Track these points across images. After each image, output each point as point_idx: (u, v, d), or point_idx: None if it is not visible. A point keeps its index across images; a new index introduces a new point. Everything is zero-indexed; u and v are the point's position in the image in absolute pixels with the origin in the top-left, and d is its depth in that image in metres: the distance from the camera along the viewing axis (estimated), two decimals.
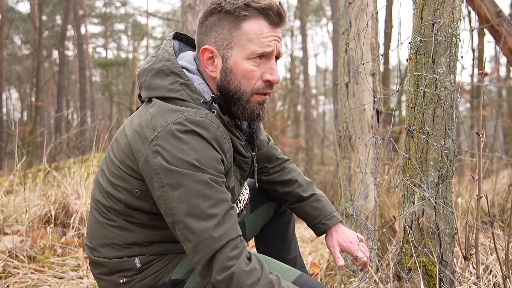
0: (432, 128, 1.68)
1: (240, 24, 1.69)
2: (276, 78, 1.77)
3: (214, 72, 1.76)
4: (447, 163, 1.66)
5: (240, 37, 1.69)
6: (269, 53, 1.72)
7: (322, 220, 2.24)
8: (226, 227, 1.57)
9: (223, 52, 1.72)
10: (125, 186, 1.74)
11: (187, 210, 1.55)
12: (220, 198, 1.59)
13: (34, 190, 4.66)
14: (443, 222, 1.65)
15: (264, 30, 1.70)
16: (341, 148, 3.07)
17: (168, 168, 1.55)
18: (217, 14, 1.71)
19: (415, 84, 1.72)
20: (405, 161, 1.76)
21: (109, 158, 1.84)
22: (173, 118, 1.61)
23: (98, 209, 1.86)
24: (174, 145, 1.57)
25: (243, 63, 1.71)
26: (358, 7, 2.91)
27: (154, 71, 1.78)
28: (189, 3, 8.27)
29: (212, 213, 1.55)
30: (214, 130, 1.63)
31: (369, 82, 2.92)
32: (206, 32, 1.75)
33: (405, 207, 1.76)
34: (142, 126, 1.66)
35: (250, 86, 1.74)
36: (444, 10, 1.68)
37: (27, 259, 3.24)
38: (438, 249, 1.66)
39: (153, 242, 1.83)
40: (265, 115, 1.85)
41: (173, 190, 1.56)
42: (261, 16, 1.70)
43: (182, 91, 1.71)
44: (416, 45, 1.73)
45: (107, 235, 1.83)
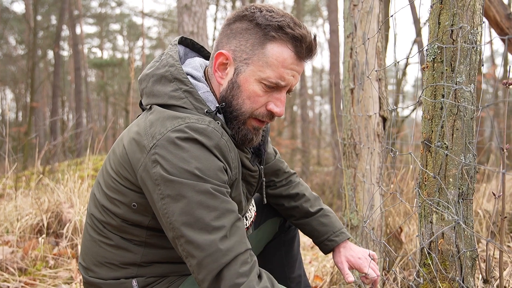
0: (452, 142, 1.55)
1: (265, 44, 1.58)
2: (281, 111, 1.66)
3: (222, 79, 1.67)
4: (467, 179, 1.54)
5: (261, 57, 1.59)
6: (278, 85, 1.62)
7: (330, 236, 2.13)
8: (233, 240, 1.45)
9: (238, 64, 1.62)
10: (122, 199, 1.62)
11: (190, 223, 1.43)
12: (226, 208, 1.47)
13: (27, 195, 4.53)
14: (464, 244, 1.53)
15: (288, 61, 1.59)
16: (345, 157, 2.94)
17: (168, 178, 1.43)
18: (247, 22, 1.61)
19: (433, 94, 1.60)
20: (422, 177, 1.63)
21: (105, 170, 1.72)
22: (173, 125, 1.49)
23: (93, 226, 1.74)
24: (174, 153, 1.45)
25: (252, 84, 1.61)
26: (363, 10, 2.79)
27: (156, 77, 1.67)
28: (185, 3, 8.16)
29: (217, 226, 1.43)
30: (217, 138, 1.51)
31: (375, 88, 2.80)
32: (229, 36, 1.65)
33: (422, 227, 1.63)
34: (140, 134, 1.54)
35: (252, 110, 1.64)
36: (464, 15, 1.55)
37: (17, 272, 3.11)
38: (459, 273, 1.54)
39: (152, 262, 1.69)
40: (258, 140, 1.73)
41: (174, 202, 1.44)
42: (289, 44, 1.58)
43: (185, 99, 1.60)
44: (433, 52, 1.60)
45: (103, 254, 1.71)
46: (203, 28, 8.19)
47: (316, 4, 31.70)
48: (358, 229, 2.83)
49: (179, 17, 8.37)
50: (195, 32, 8.20)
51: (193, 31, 8.18)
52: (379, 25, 2.80)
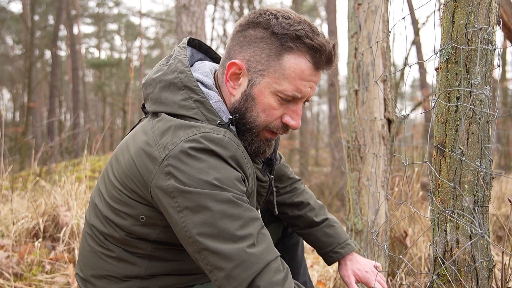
0: (467, 147, 1.48)
1: (282, 55, 1.50)
2: (297, 124, 1.60)
3: (234, 90, 1.58)
4: (484, 186, 1.47)
5: (277, 69, 1.50)
6: (295, 98, 1.55)
7: (335, 248, 2.06)
8: (262, 247, 1.37)
9: (252, 75, 1.53)
10: (129, 211, 1.53)
11: (213, 234, 1.34)
12: (250, 216, 1.39)
13: (23, 197, 4.46)
14: (480, 254, 1.46)
15: (306, 72, 1.51)
16: (349, 160, 2.87)
17: (185, 189, 1.35)
18: (262, 30, 1.51)
19: (447, 97, 1.52)
20: (435, 183, 1.56)
21: (108, 179, 1.62)
22: (187, 134, 1.41)
23: (93, 236, 1.64)
24: (189, 164, 1.36)
25: (268, 96, 1.53)
26: (368, 9, 2.72)
27: (164, 83, 1.56)
28: (184, 3, 8.10)
29: (243, 234, 1.35)
30: (234, 149, 1.43)
31: (380, 89, 2.73)
32: (242, 43, 1.55)
33: (436, 235, 1.56)
34: (150, 145, 1.45)
35: (266, 123, 1.57)
36: (479, 13, 1.48)
37: (13, 277, 3.04)
38: (475, 285, 1.47)
39: (156, 275, 1.60)
40: (270, 151, 1.66)
41: (194, 213, 1.35)
42: (308, 54, 1.50)
43: (196, 109, 1.50)
44: (447, 53, 1.53)
45: (104, 266, 1.61)
46: (201, 28, 8.13)
47: (314, 4, 31.66)
48: (362, 234, 2.76)
49: (177, 17, 8.31)
50: (194, 32, 8.14)
51: (192, 31, 8.11)
52: (384, 24, 2.73)
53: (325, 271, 3.34)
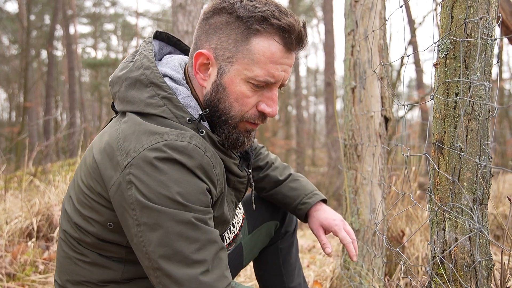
0: (466, 144, 1.45)
1: (249, 39, 1.42)
2: (273, 111, 1.51)
3: (205, 81, 1.51)
4: (483, 184, 1.44)
5: (246, 54, 1.43)
6: (268, 83, 1.47)
7: (302, 199, 2.01)
8: (215, 274, 1.33)
9: (221, 63, 1.46)
10: (97, 218, 1.47)
11: (168, 255, 1.29)
12: (207, 239, 1.34)
13: (17, 196, 4.42)
14: (479, 253, 1.43)
15: (276, 55, 1.43)
16: (346, 158, 2.84)
17: (145, 204, 1.29)
18: (227, 16, 1.43)
19: (445, 93, 1.49)
20: (433, 181, 1.53)
21: (76, 183, 1.55)
22: (150, 142, 1.34)
23: (67, 241, 1.58)
24: (151, 175, 1.30)
25: (239, 84, 1.45)
26: (365, 6, 2.69)
27: (130, 81, 1.49)
28: (180, 2, 8.06)
29: (198, 259, 1.30)
30: (199, 157, 1.36)
31: (377, 87, 2.70)
32: (208, 32, 1.48)
33: (434, 234, 1.53)
34: (113, 148, 1.39)
35: (241, 113, 1.49)
36: (479, 7, 1.45)
37: (5, 277, 3.00)
38: (474, 284, 1.44)
39: (133, 278, 1.55)
40: (250, 143, 1.59)
41: (151, 231, 1.30)
42: (277, 36, 1.42)
43: (164, 106, 1.43)
44: (445, 48, 1.50)
45: (79, 272, 1.55)
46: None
47: (311, 4, 31.67)
48: (359, 233, 2.73)
49: (174, 16, 8.27)
50: (190, 32, 8.10)
51: (188, 31, 8.08)
52: (381, 22, 2.70)
53: (322, 271, 3.31)
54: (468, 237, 1.44)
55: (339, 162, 12.68)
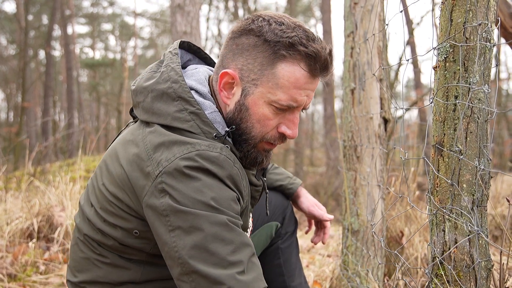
0: (465, 146, 1.47)
1: (275, 63, 1.45)
2: (293, 134, 1.56)
3: (228, 100, 1.54)
4: (482, 186, 1.46)
5: (270, 78, 1.46)
6: (290, 107, 1.51)
7: (290, 181, 2.27)
8: (252, 275, 1.34)
9: (246, 84, 1.49)
10: (123, 225, 1.49)
11: (205, 258, 1.30)
12: (242, 242, 1.35)
13: (17, 197, 4.43)
14: (478, 254, 1.45)
15: (300, 80, 1.47)
16: (345, 159, 2.86)
17: (179, 209, 1.31)
18: (255, 38, 1.47)
19: (445, 96, 1.51)
20: (433, 183, 1.55)
21: (98, 188, 1.57)
22: (182, 151, 1.36)
23: (86, 242, 1.60)
24: (183, 183, 1.33)
25: (262, 107, 1.49)
26: (364, 8, 2.71)
27: (157, 92, 1.50)
28: (178, 3, 8.07)
29: (234, 260, 1.31)
30: (230, 167, 1.39)
31: (376, 88, 2.71)
32: (235, 52, 1.51)
33: (434, 235, 1.55)
34: (142, 159, 1.41)
35: (262, 134, 1.53)
36: (478, 11, 1.47)
37: (6, 278, 3.02)
38: (473, 285, 1.46)
39: (151, 280, 1.57)
40: (269, 162, 1.63)
41: (186, 234, 1.31)
42: (302, 62, 1.45)
43: (192, 122, 1.45)
44: (445, 51, 1.52)
45: (98, 273, 1.57)
46: (196, 28, 8.10)
47: (309, 4, 31.68)
48: (359, 234, 2.75)
49: (172, 16, 8.28)
50: (188, 32, 8.11)
51: (186, 31, 8.09)
52: (380, 23, 2.72)
53: (321, 271, 3.33)
54: (468, 239, 1.46)
55: (338, 162, 12.70)
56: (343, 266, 2.86)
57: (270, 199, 2.20)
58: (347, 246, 2.84)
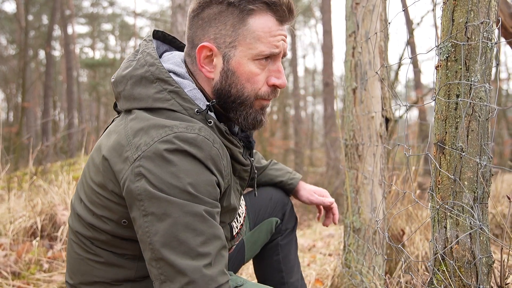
0: (467, 144, 1.49)
1: (246, 19, 1.50)
2: (283, 82, 1.59)
3: (211, 73, 1.56)
4: (483, 183, 1.49)
5: (246, 35, 1.50)
6: (276, 54, 1.55)
7: (290, 176, 2.31)
8: (217, 269, 1.35)
9: (224, 50, 1.52)
10: (110, 216, 1.50)
11: (173, 246, 1.31)
12: (213, 234, 1.36)
13: (20, 196, 4.45)
14: (479, 250, 1.47)
15: (273, 28, 1.52)
16: (347, 158, 2.88)
17: (154, 194, 1.32)
18: (218, 5, 1.51)
19: (446, 94, 1.54)
20: (435, 180, 1.57)
21: (86, 184, 1.58)
22: (160, 134, 1.37)
23: (79, 243, 1.61)
24: (162, 167, 1.33)
25: (247, 65, 1.52)
26: (366, 8, 2.73)
27: (135, 78, 1.53)
28: (179, 3, 8.09)
29: (202, 252, 1.32)
30: (209, 148, 1.40)
31: (378, 88, 2.74)
32: (203, 26, 1.54)
33: (436, 232, 1.57)
34: (122, 144, 1.42)
35: (255, 91, 1.56)
36: (479, 11, 1.50)
37: (11, 276, 3.04)
38: (474, 280, 1.48)
39: (146, 276, 1.58)
40: (267, 121, 1.65)
41: (159, 221, 1.32)
42: (269, 11, 1.51)
43: (172, 100, 1.48)
44: (446, 51, 1.55)
45: (93, 273, 1.58)
46: None
47: (309, 4, 31.69)
48: (360, 232, 2.77)
49: (173, 16, 8.30)
50: None
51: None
52: (382, 23, 2.74)
53: (323, 270, 3.35)
54: (469, 235, 1.49)
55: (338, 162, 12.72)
56: (345, 263, 2.88)
57: (270, 195, 2.26)
58: (349, 244, 2.86)
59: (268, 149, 18.64)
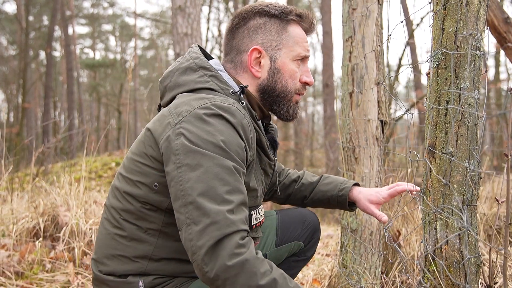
0: (456, 149, 1.55)
1: (286, 28, 1.83)
2: (312, 80, 1.90)
3: (259, 72, 1.83)
4: (472, 186, 1.54)
5: (288, 39, 1.82)
6: (307, 57, 1.87)
7: (340, 186, 2.21)
8: (238, 216, 1.46)
9: (271, 52, 1.82)
10: (144, 180, 1.66)
11: (203, 190, 1.45)
12: (237, 187, 1.50)
13: (22, 198, 4.50)
14: (468, 251, 1.53)
15: (304, 36, 1.87)
16: (344, 160, 2.94)
17: (191, 148, 1.49)
18: (262, 17, 1.83)
19: (437, 100, 1.60)
20: (426, 183, 1.63)
21: (127, 160, 1.77)
22: (199, 104, 1.58)
23: (109, 218, 1.76)
24: (199, 127, 1.52)
25: (290, 64, 1.83)
26: (362, 14, 2.79)
27: (181, 70, 1.78)
28: (179, 5, 8.14)
29: (228, 199, 1.46)
30: (240, 117, 1.59)
31: (374, 92, 2.80)
32: (249, 34, 1.83)
33: (426, 233, 1.63)
34: (165, 115, 1.63)
35: (295, 86, 1.85)
36: (468, 21, 1.56)
37: (14, 275, 3.10)
38: (463, 280, 1.54)
39: (162, 258, 1.69)
40: (300, 113, 1.99)
41: (191, 171, 1.47)
42: (302, 23, 1.87)
43: (211, 81, 1.72)
44: (437, 59, 1.61)
45: (116, 247, 1.71)
46: (197, 29, 8.18)
47: (309, 5, 31.72)
48: (357, 233, 2.83)
49: (173, 18, 8.35)
50: (189, 34, 8.18)
51: (187, 33, 8.16)
52: (377, 29, 2.80)
53: (320, 270, 3.41)
54: (458, 236, 1.55)
55: (337, 163, 12.77)
56: (342, 263, 2.94)
57: (304, 218, 2.31)
58: (346, 245, 2.92)
59: None
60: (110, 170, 13.88)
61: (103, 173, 13.61)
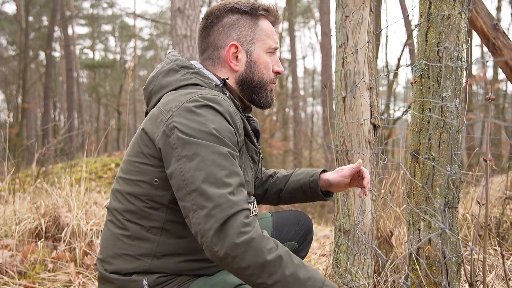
0: (438, 154, 1.65)
1: (257, 22, 1.96)
2: (283, 69, 2.05)
3: (237, 66, 1.94)
4: (453, 189, 1.63)
5: (261, 33, 1.96)
6: (276, 48, 2.02)
7: (310, 173, 2.33)
8: (239, 197, 1.56)
9: (246, 47, 1.94)
10: (144, 178, 1.74)
11: (204, 177, 1.54)
12: (234, 170, 1.60)
13: (24, 199, 4.58)
14: (449, 250, 1.62)
15: (272, 29, 2.01)
16: (338, 163, 3.03)
17: (186, 140, 1.58)
18: (235, 14, 1.94)
19: (421, 108, 1.69)
20: (410, 186, 1.72)
21: (124, 163, 1.85)
22: (187, 98, 1.67)
23: (113, 220, 1.84)
24: (190, 118, 1.61)
25: (263, 56, 1.96)
26: (355, 21, 2.88)
27: (164, 72, 1.88)
28: (179, 6, 8.22)
29: (227, 182, 1.55)
30: (226, 105, 1.70)
31: (366, 96, 2.88)
32: (224, 31, 1.94)
33: (411, 234, 1.72)
34: (156, 114, 1.72)
35: (269, 76, 1.99)
36: (450, 33, 1.65)
37: (17, 275, 3.17)
38: (445, 278, 1.63)
39: (166, 255, 1.76)
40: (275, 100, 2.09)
41: (190, 161, 1.57)
42: (269, 17, 2.00)
43: (194, 77, 1.83)
44: (421, 68, 1.70)
45: (120, 246, 1.79)
46: (196, 31, 8.24)
47: (308, 5, 31.80)
48: (350, 234, 2.91)
49: (172, 20, 8.43)
50: (188, 35, 8.26)
51: (186, 34, 8.24)
52: (369, 35, 2.88)
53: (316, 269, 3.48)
54: (440, 237, 1.64)
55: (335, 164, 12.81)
56: (335, 264, 3.02)
57: (298, 219, 2.43)
58: (339, 245, 3.00)
59: (267, 150, 18.74)
60: (110, 171, 13.97)
61: (103, 174, 13.70)
